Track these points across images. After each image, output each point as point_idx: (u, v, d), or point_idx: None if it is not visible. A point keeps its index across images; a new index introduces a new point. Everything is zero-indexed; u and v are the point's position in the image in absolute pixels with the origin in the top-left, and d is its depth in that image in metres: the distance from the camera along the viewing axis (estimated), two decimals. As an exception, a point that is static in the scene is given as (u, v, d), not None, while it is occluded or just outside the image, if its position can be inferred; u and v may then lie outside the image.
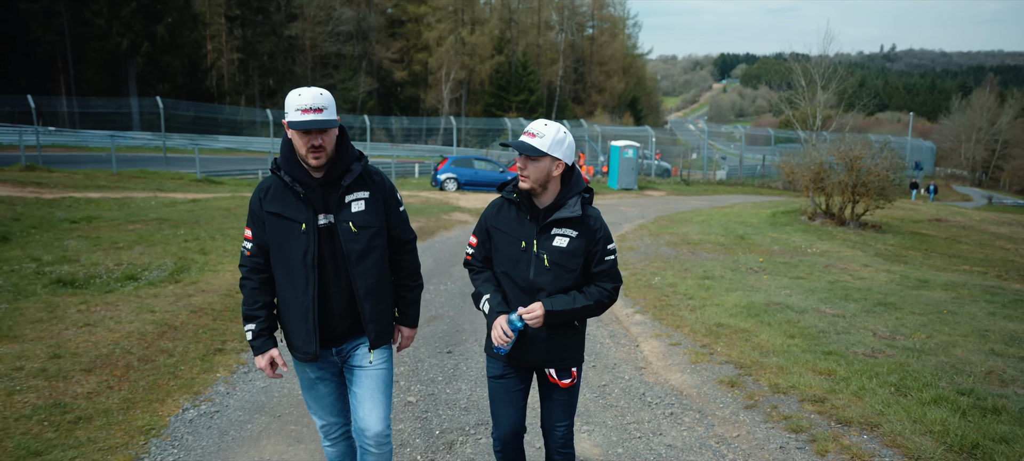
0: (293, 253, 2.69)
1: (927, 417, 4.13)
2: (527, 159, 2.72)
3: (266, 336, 2.79)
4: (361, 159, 2.81)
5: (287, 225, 2.69)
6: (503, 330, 2.70)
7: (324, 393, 2.94)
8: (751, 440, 4.11)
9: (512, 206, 2.87)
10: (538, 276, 2.77)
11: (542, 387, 3.00)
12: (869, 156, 18.27)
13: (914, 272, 10.96)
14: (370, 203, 2.79)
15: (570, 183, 2.83)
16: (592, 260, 2.81)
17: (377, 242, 2.81)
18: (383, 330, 2.87)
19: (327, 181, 2.70)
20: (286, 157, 2.71)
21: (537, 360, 2.85)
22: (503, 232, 2.86)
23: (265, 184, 2.78)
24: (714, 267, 10.35)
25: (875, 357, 5.47)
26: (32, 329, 5.63)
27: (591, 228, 2.80)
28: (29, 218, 12.85)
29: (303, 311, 2.71)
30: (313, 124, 2.56)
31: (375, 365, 2.86)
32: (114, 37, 45.33)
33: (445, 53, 65.90)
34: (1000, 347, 5.85)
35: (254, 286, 2.78)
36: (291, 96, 2.62)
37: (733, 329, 6.50)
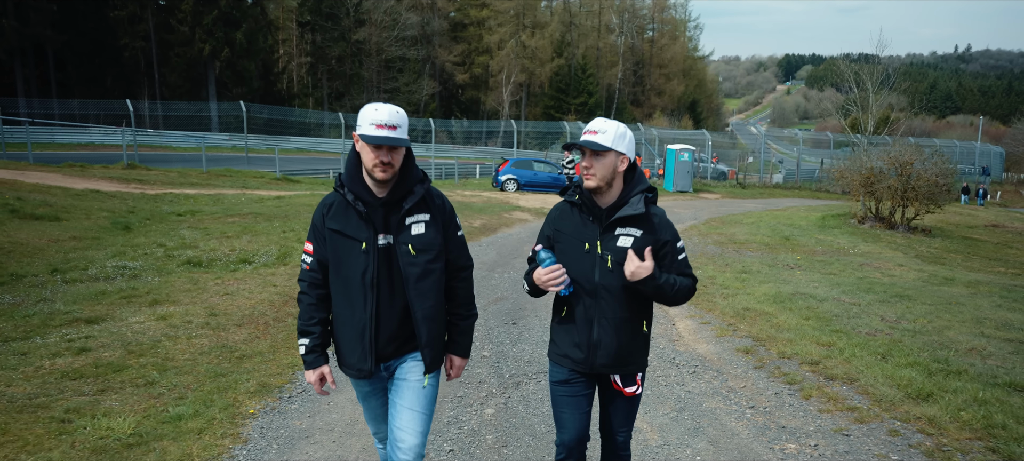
0: (352, 271, 2.71)
1: (898, 375, 5.16)
2: (593, 156, 2.72)
3: (318, 352, 2.84)
4: (424, 181, 2.83)
5: (347, 243, 2.71)
6: (544, 271, 2.75)
7: (375, 405, 3.01)
8: (754, 389, 5.21)
9: (574, 209, 2.87)
10: (603, 278, 2.75)
11: (604, 394, 2.98)
12: (919, 162, 18.72)
13: (945, 271, 11.70)
14: (430, 226, 2.79)
15: (633, 181, 2.82)
16: (664, 259, 2.80)
17: (435, 265, 2.81)
18: (437, 354, 2.88)
19: (389, 201, 2.73)
20: (351, 174, 2.75)
21: (603, 363, 2.82)
22: (567, 235, 2.85)
23: (328, 200, 2.81)
24: (753, 263, 11.32)
25: (874, 335, 6.47)
26: (185, 296, 7.12)
27: (656, 226, 2.79)
28: (141, 212, 14.63)
29: (360, 329, 2.74)
30: (385, 140, 2.58)
31: (414, 380, 2.87)
32: (196, 43, 48.24)
33: (506, 56, 67.39)
34: (991, 331, 6.75)
35: (311, 301, 2.82)
36: (367, 110, 2.66)
37: (757, 312, 7.55)
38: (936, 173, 18.45)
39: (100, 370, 4.85)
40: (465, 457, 3.99)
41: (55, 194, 15.59)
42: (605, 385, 2.94)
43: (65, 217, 12.93)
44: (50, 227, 11.85)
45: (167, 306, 6.74)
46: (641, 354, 2.90)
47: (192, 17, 48.10)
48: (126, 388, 4.59)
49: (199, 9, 48.06)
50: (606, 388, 2.94)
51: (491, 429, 4.38)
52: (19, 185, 16.04)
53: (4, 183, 15.97)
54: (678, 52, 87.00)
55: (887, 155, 19.56)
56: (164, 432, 3.95)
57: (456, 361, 3.03)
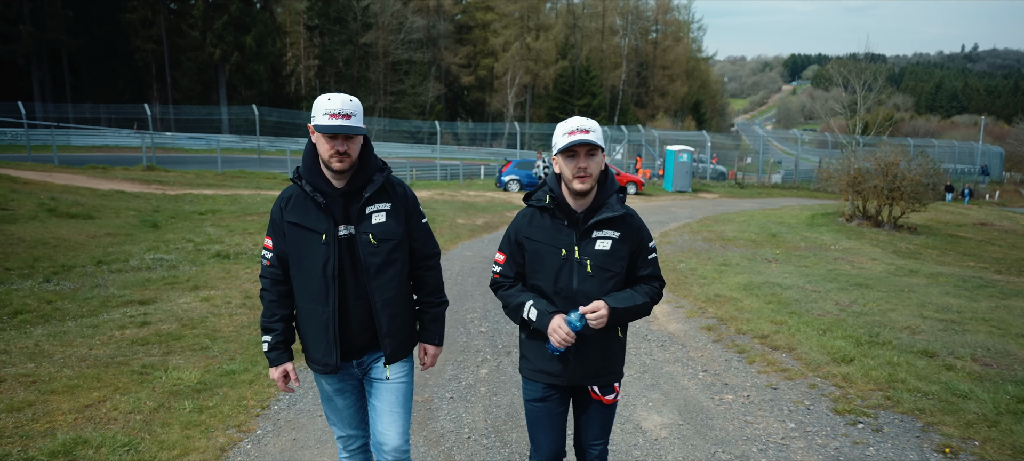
0: (313, 264, 2.68)
1: (830, 345, 6.10)
2: (588, 156, 2.60)
3: (282, 349, 2.82)
4: (383, 169, 2.81)
5: (308, 235, 2.67)
6: (566, 331, 2.57)
7: (342, 406, 2.92)
8: (709, 357, 6.15)
9: (545, 214, 2.75)
10: (582, 284, 2.66)
11: (580, 405, 2.90)
12: (904, 162, 19.58)
13: (914, 265, 12.59)
14: (391, 215, 2.77)
15: (607, 183, 2.74)
16: (637, 260, 2.75)
17: (397, 255, 2.79)
18: (400, 345, 2.84)
19: (348, 191, 2.70)
20: (308, 166, 2.72)
21: (583, 374, 2.75)
22: (539, 242, 2.73)
23: (286, 194, 2.77)
24: (734, 257, 12.24)
25: (824, 316, 7.40)
26: (220, 283, 8.11)
27: (634, 227, 2.74)
28: (166, 211, 15.63)
29: (324, 323, 2.71)
30: (340, 129, 2.56)
31: (395, 380, 2.85)
32: (207, 47, 49.41)
33: (510, 58, 68.37)
34: (929, 313, 7.66)
35: (273, 298, 2.79)
36: (320, 100, 2.62)
37: (726, 298, 8.49)
38: (920, 173, 19.32)
39: (162, 338, 5.84)
40: (463, 402, 4.95)
41: (84, 195, 16.62)
42: (581, 395, 2.86)
43: (97, 216, 13.93)
44: (86, 225, 12.86)
45: (207, 291, 7.73)
46: (619, 362, 2.83)
47: (203, 22, 49.29)
48: (186, 351, 5.57)
49: (210, 14, 49.24)
50: (582, 399, 2.86)
51: (484, 384, 5.34)
52: (50, 186, 17.08)
53: (37, 184, 17.02)
54: (681, 53, 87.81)
55: (873, 156, 20.46)
56: (222, 382, 4.93)
57: (430, 349, 3.00)
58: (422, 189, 25.53)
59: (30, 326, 6.17)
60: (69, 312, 6.70)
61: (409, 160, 38.70)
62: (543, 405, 2.81)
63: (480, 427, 4.49)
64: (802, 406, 4.84)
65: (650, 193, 29.53)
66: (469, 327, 7.04)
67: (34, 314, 6.60)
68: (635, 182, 28.64)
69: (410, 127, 51.55)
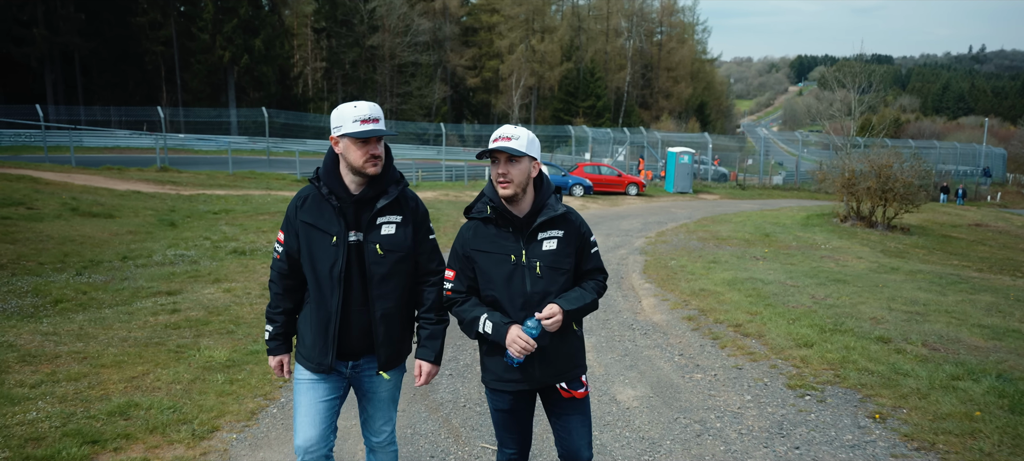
0: (322, 264, 2.75)
1: (795, 332, 6.71)
2: (508, 163, 2.68)
3: (280, 340, 2.94)
4: (399, 182, 2.85)
5: (319, 236, 2.74)
6: (525, 340, 2.64)
7: (318, 398, 2.87)
8: (686, 343, 6.76)
9: (488, 225, 2.82)
10: (535, 286, 2.74)
11: (553, 408, 2.93)
12: (897, 164, 20.12)
13: (897, 263, 13.15)
14: (401, 227, 2.82)
15: (544, 186, 2.84)
16: (582, 255, 2.85)
17: (401, 267, 2.83)
18: (393, 355, 2.89)
19: (363, 199, 2.77)
20: (328, 169, 2.78)
21: (547, 376, 2.81)
22: (487, 253, 2.79)
23: (303, 193, 2.83)
24: (724, 255, 12.83)
25: (797, 308, 8.00)
26: (239, 276, 8.77)
27: (574, 223, 2.84)
28: (181, 211, 16.32)
29: (325, 322, 2.77)
30: (375, 132, 2.65)
31: (383, 390, 2.97)
32: (217, 50, 50.19)
33: (516, 61, 68.99)
34: (897, 306, 8.25)
35: (278, 291, 2.91)
36: (345, 109, 2.70)
37: (710, 292, 9.09)
38: (912, 174, 19.87)
39: (191, 324, 6.50)
40: (460, 379, 5.57)
41: (102, 195, 17.33)
42: (551, 395, 2.90)
43: (117, 215, 14.62)
44: (107, 223, 13.55)
45: (228, 283, 8.39)
46: (580, 355, 2.91)
47: (213, 25, 50.08)
48: (214, 334, 6.23)
49: (220, 18, 50.03)
50: (554, 398, 2.90)
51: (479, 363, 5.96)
52: (71, 186, 17.79)
53: (58, 185, 17.73)
54: (686, 55, 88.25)
55: (867, 158, 21.01)
56: (248, 359, 5.57)
57: (425, 367, 2.95)
58: (427, 190, 26.18)
59: (71, 313, 6.84)
60: (104, 301, 7.37)
61: (415, 161, 39.32)
62: (510, 415, 2.90)
63: (474, 398, 5.12)
64: (761, 382, 5.46)
65: (651, 194, 30.09)
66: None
67: (73, 303, 7.27)
68: (636, 183, 29.21)
69: (416, 129, 52.21)
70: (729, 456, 4.13)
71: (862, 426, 4.50)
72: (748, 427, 4.58)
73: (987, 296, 9.31)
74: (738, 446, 4.27)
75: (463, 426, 4.60)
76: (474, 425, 4.62)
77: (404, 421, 4.62)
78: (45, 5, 45.70)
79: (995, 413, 4.54)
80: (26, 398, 4.43)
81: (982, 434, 4.22)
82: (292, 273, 2.85)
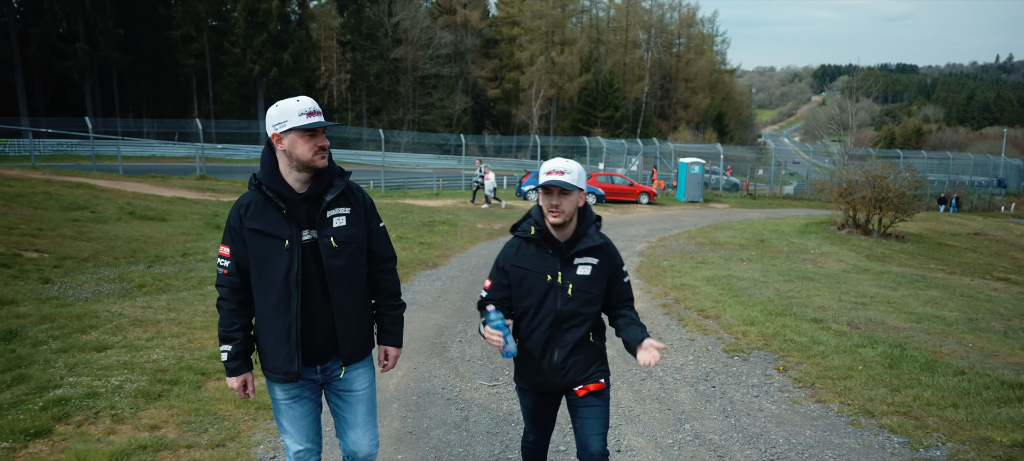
0: (276, 270, 2.69)
1: (746, 314, 8.11)
2: (561, 195, 2.88)
3: (241, 359, 2.83)
4: (343, 175, 2.85)
5: (269, 242, 2.69)
6: (495, 335, 2.84)
7: (300, 413, 2.90)
8: (654, 322, 8.18)
9: (530, 244, 3.02)
10: (565, 305, 2.97)
11: (573, 405, 3.11)
12: (892, 175, 21.27)
13: (873, 265, 14.42)
14: (351, 218, 2.83)
15: (586, 215, 3.04)
16: (614, 284, 3.06)
17: (357, 258, 2.86)
18: (356, 347, 2.91)
19: (310, 196, 2.74)
20: (268, 172, 2.72)
21: (570, 382, 3.03)
22: (527, 270, 3.01)
23: (244, 200, 2.75)
24: (713, 258, 14.18)
25: (758, 298, 9.37)
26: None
27: (610, 254, 3.04)
28: (223, 215, 17.92)
29: (285, 329, 2.73)
30: (320, 124, 2.64)
31: (360, 390, 2.97)
32: (247, 63, 52.36)
33: (535, 72, 70.60)
34: (846, 298, 9.59)
35: (232, 307, 2.79)
36: (288, 104, 2.66)
37: (689, 287, 10.49)
38: (906, 185, 21.04)
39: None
40: (467, 344, 7.04)
41: (152, 200, 19.06)
42: (572, 396, 3.10)
43: (169, 218, 16.30)
44: (162, 225, 15.22)
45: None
46: (600, 361, 3.11)
47: (244, 39, 52.25)
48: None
49: (250, 32, 52.21)
50: (573, 401, 3.10)
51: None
52: (123, 193, 19.57)
53: (113, 191, 19.52)
54: (704, 66, 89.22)
55: (862, 169, 22.22)
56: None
57: (391, 351, 3.09)
58: (447, 198, 27.73)
59: (155, 294, 8.42)
60: (179, 286, 8.95)
61: (436, 171, 40.93)
62: (538, 410, 3.22)
63: (478, 356, 6.59)
64: (704, 349, 6.88)
65: (663, 203, 31.35)
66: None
67: (153, 287, 8.85)
68: (648, 192, 30.49)
69: (438, 139, 53.94)
70: (662, 391, 5.57)
71: (768, 375, 5.92)
72: (683, 376, 6.01)
73: (934, 292, 10.62)
74: (670, 386, 5.71)
75: (467, 372, 6.07)
76: (476, 371, 6.09)
77: (423, 370, 6.09)
78: (86, 21, 48.13)
79: (874, 367, 5.93)
80: (145, 347, 5.99)
81: (852, 378, 5.63)
82: (244, 286, 2.79)
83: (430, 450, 4.44)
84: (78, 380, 5.09)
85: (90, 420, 4.48)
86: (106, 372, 5.31)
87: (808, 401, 5.29)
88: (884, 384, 5.53)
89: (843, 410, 5.06)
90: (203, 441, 4.28)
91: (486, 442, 4.55)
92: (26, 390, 4.85)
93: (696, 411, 5.14)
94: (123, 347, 5.97)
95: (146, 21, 52.16)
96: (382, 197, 27.39)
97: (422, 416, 5.00)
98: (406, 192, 30.87)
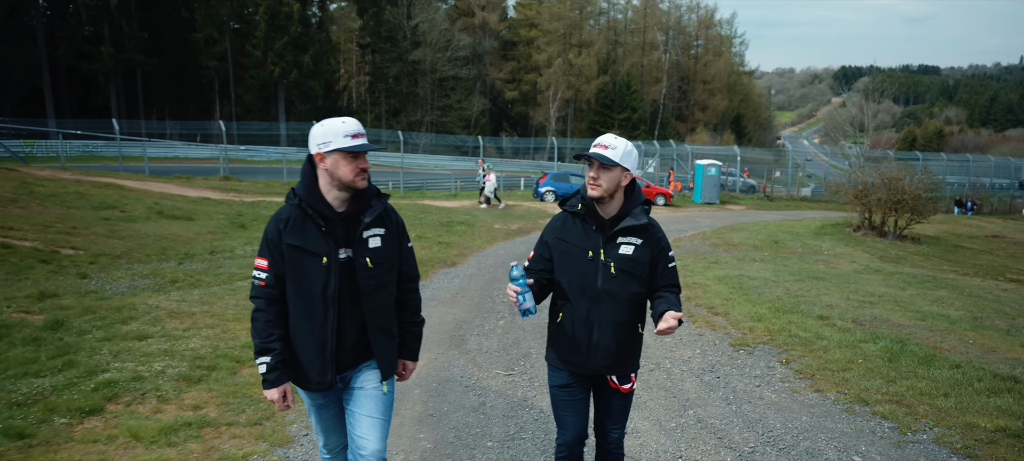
0: (313, 286, 2.75)
1: (754, 312, 8.38)
2: (600, 169, 2.90)
3: (281, 370, 2.86)
4: (379, 196, 2.92)
5: (308, 258, 2.74)
6: (512, 288, 2.90)
7: (328, 416, 3.09)
8: (666, 319, 8.48)
9: (577, 219, 3.03)
10: (606, 284, 2.95)
11: (600, 393, 3.17)
12: (908, 177, 21.36)
13: (885, 266, 14.59)
14: (386, 239, 2.91)
15: (633, 195, 3.03)
16: (657, 266, 3.02)
17: (389, 278, 2.94)
18: (391, 362, 3.02)
19: (348, 216, 2.81)
20: (308, 189, 2.78)
21: (602, 365, 3.02)
22: (570, 243, 3.01)
23: (283, 215, 2.79)
24: (726, 258, 14.42)
25: (767, 296, 9.62)
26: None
27: (655, 236, 3.02)
28: (248, 215, 18.43)
29: (321, 343, 2.80)
30: (364, 147, 2.71)
31: (377, 389, 3.00)
32: (268, 66, 53.09)
33: (553, 74, 70.89)
34: (854, 297, 9.82)
35: (269, 318, 2.82)
36: (334, 124, 2.73)
37: (700, 285, 10.75)
38: (921, 187, 21.11)
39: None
40: (485, 337, 7.39)
41: (178, 201, 19.59)
42: (601, 385, 3.14)
43: (195, 218, 16.80)
44: (189, 225, 15.71)
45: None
46: (636, 354, 3.11)
47: (265, 42, 52.98)
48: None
49: (271, 35, 52.93)
50: (602, 388, 3.14)
51: (500, 329, 7.78)
52: (151, 193, 20.13)
53: (140, 191, 20.09)
54: (722, 68, 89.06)
55: (877, 172, 22.31)
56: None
57: (408, 365, 3.22)
58: (464, 199, 28.11)
59: (188, 289, 8.84)
60: (209, 282, 9.37)
61: (454, 172, 41.37)
62: (567, 391, 3.12)
63: (495, 348, 6.93)
64: (712, 343, 7.17)
65: (679, 204, 31.54)
66: (494, 298, 9.50)
67: (185, 283, 9.28)
68: (664, 194, 30.70)
69: (456, 141, 54.40)
70: (668, 381, 5.88)
71: (770, 367, 6.21)
72: (690, 367, 6.31)
73: (943, 292, 10.81)
74: (677, 376, 6.01)
75: (484, 362, 6.41)
76: (492, 362, 6.43)
77: (443, 360, 6.43)
78: (111, 24, 49.07)
79: (873, 361, 6.20)
80: (182, 336, 6.39)
81: (851, 370, 5.91)
82: (281, 297, 2.83)
83: (450, 430, 4.78)
84: (123, 365, 5.49)
85: (137, 400, 4.87)
86: (148, 358, 5.70)
87: (807, 391, 5.58)
88: (881, 376, 5.80)
89: (839, 398, 5.35)
90: (242, 420, 4.66)
91: (502, 423, 4.89)
92: (77, 374, 5.25)
93: (700, 399, 5.45)
94: (162, 336, 6.37)
95: (170, 24, 53.11)
96: (401, 198, 27.83)
97: (442, 401, 5.35)
98: (424, 193, 31.30)
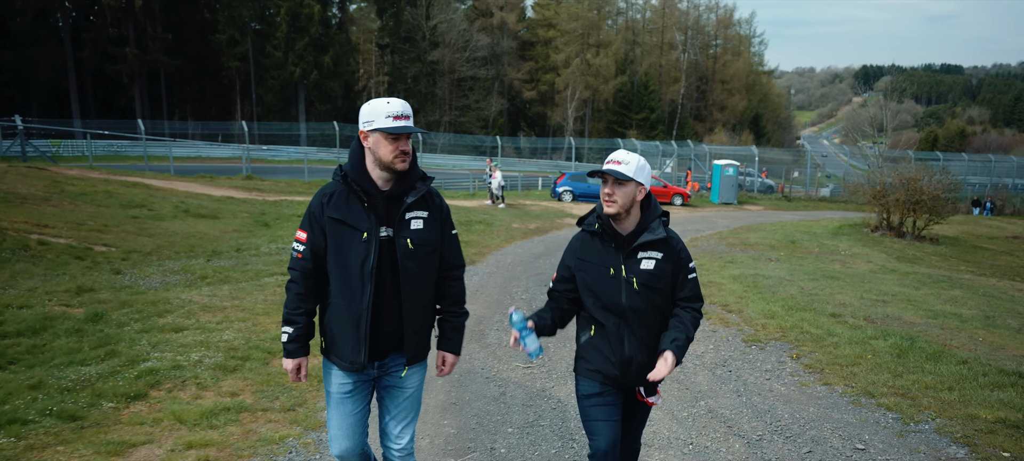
0: (352, 260, 2.76)
1: (768, 309, 8.56)
2: (615, 184, 2.90)
3: (301, 342, 2.90)
4: (425, 180, 2.90)
5: (348, 232, 2.76)
6: (513, 336, 2.91)
7: (350, 411, 2.97)
8: (681, 316, 8.68)
9: (595, 238, 3.04)
10: (630, 300, 2.94)
11: (626, 406, 3.16)
12: (926, 178, 21.33)
13: (901, 266, 14.66)
14: (428, 222, 2.89)
15: (650, 209, 3.03)
16: (678, 279, 3.01)
17: (430, 261, 2.91)
18: (419, 349, 2.97)
19: (392, 195, 2.81)
20: (355, 166, 2.82)
21: (636, 377, 3.00)
22: (591, 263, 3.02)
23: (329, 189, 2.84)
24: (742, 257, 14.56)
25: (781, 295, 9.79)
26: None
27: (675, 248, 3.01)
28: (271, 213, 18.83)
29: (355, 319, 2.80)
30: (405, 129, 2.70)
31: (411, 388, 3.02)
32: (289, 66, 53.72)
33: (571, 74, 71.05)
34: (868, 296, 9.96)
35: (300, 291, 2.86)
36: (378, 104, 2.74)
37: (716, 284, 10.93)
38: (939, 188, 21.09)
39: (307, 293, 8.73)
40: (504, 332, 7.62)
41: (203, 199, 20.03)
42: (628, 397, 3.13)
43: (220, 217, 17.20)
44: (215, 223, 16.10)
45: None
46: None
47: (286, 43, 53.62)
48: (325, 300, 8.44)
49: (292, 36, 53.56)
50: (629, 400, 3.14)
51: (519, 324, 8.00)
52: (176, 192, 20.58)
53: (166, 191, 20.55)
54: (741, 68, 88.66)
55: (896, 172, 22.30)
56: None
57: (449, 358, 3.14)
58: (482, 198, 28.38)
59: (217, 285, 9.17)
60: (238, 278, 9.70)
61: (472, 172, 41.62)
62: (599, 398, 3.06)
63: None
64: (725, 339, 7.37)
65: (697, 205, 31.59)
66: (514, 294, 9.75)
67: (215, 278, 9.62)
68: (681, 194, 30.79)
69: (474, 141, 54.72)
70: (681, 374, 6.09)
71: (781, 362, 6.41)
72: (703, 362, 6.52)
73: (957, 291, 10.91)
74: (690, 370, 6.23)
75: (504, 356, 6.66)
76: (512, 355, 6.67)
77: (464, 353, 6.63)
78: (136, 26, 49.91)
79: (882, 357, 6.37)
80: (216, 329, 6.70)
81: (860, 365, 6.09)
82: (316, 271, 2.85)
83: (472, 417, 5.04)
84: (162, 355, 5.80)
85: (178, 387, 5.17)
86: (185, 349, 6.01)
87: (816, 384, 5.77)
88: (889, 371, 5.97)
89: (846, 391, 5.54)
90: (276, 406, 4.94)
91: (521, 412, 5.14)
92: (119, 363, 5.56)
93: (711, 391, 5.66)
94: (196, 329, 6.68)
95: (192, 25, 53.91)
96: (420, 197, 28.07)
97: (464, 391, 5.60)
98: (443, 192, 31.07)
